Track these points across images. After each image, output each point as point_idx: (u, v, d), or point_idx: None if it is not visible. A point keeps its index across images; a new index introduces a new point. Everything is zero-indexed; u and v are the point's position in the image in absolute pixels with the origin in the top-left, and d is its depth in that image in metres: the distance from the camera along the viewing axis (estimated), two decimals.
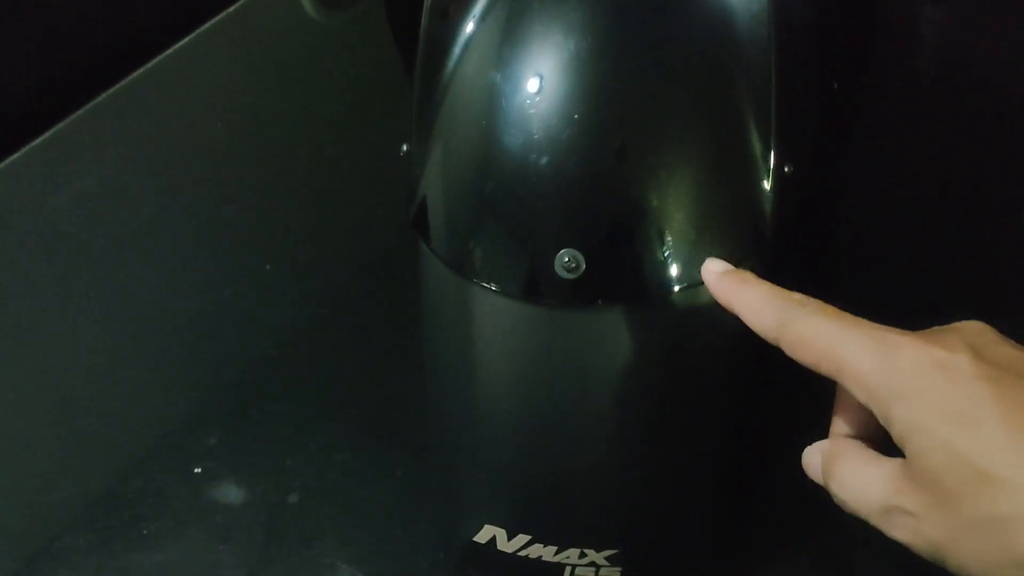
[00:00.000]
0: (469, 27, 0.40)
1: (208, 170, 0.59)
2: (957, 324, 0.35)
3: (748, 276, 0.39)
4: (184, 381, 0.62)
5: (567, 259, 0.39)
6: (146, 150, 0.55)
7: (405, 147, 0.45)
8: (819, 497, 0.38)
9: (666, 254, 0.39)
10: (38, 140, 0.50)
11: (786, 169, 0.41)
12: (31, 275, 0.52)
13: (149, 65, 0.53)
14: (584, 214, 0.39)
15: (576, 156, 0.38)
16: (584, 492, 0.44)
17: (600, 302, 0.39)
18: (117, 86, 0.52)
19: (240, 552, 0.55)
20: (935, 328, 0.35)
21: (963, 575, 0.33)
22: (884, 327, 0.35)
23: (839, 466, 0.37)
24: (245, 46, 0.58)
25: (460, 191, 0.40)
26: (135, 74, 0.53)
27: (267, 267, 0.65)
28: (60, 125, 0.50)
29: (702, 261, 0.39)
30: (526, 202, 0.38)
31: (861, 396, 0.35)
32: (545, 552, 0.45)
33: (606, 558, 0.45)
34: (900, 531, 0.34)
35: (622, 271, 0.39)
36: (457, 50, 0.40)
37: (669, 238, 0.39)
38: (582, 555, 0.45)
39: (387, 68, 0.67)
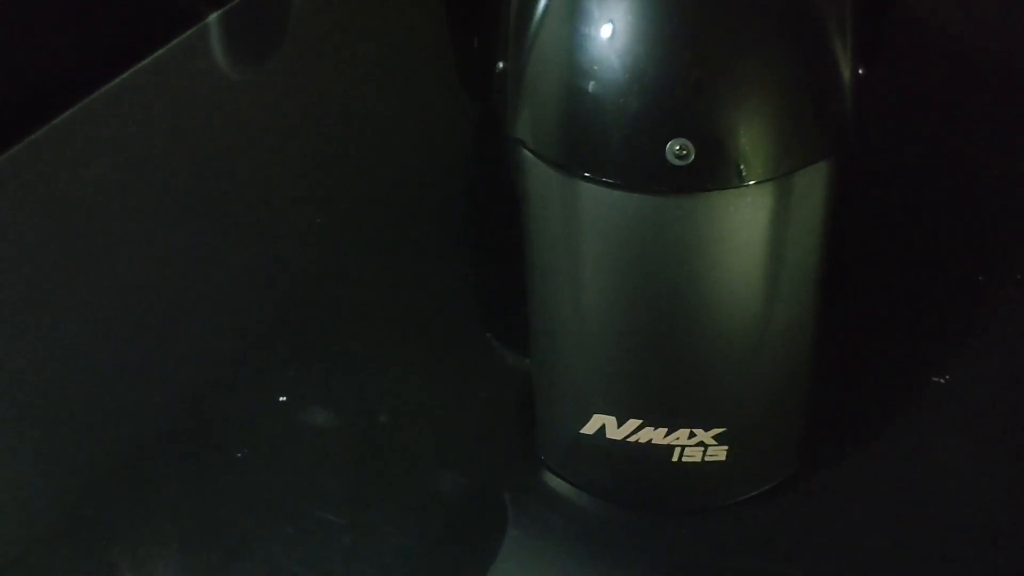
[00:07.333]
0: None
1: None
2: None
3: None
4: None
5: (678, 147, 0.41)
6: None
7: (501, 65, 0.47)
8: None
9: (766, 144, 0.42)
10: None
11: (860, 71, 0.45)
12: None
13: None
14: (693, 106, 0.41)
15: (684, 54, 0.41)
16: (695, 372, 0.47)
17: (709, 186, 0.42)
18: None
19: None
20: None
21: None
22: None
23: None
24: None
25: (572, 94, 0.43)
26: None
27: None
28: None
29: (797, 152, 0.43)
30: (640, 97, 0.41)
31: None
32: (655, 435, 0.48)
33: (713, 437, 0.48)
34: None
35: (727, 158, 0.42)
36: None
37: (770, 129, 0.42)
38: (691, 435, 0.48)
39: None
